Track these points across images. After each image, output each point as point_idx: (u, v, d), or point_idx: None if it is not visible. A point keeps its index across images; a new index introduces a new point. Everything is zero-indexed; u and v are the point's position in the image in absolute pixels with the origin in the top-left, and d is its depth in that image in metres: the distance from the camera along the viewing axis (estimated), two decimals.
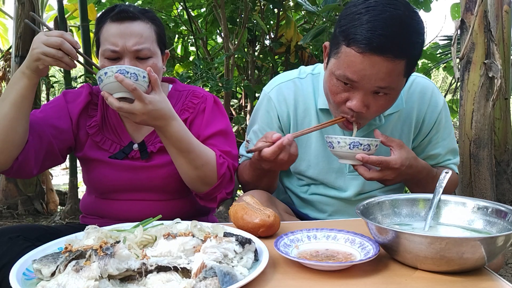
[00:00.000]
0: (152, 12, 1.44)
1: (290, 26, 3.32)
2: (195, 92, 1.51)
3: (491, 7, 3.09)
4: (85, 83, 1.52)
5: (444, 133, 1.49)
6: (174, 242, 0.89)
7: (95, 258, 0.80)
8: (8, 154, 1.25)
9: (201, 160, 1.32)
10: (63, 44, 1.16)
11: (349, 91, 1.24)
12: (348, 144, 1.22)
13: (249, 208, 1.11)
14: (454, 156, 1.52)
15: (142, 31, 1.33)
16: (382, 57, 1.15)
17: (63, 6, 3.58)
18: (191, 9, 3.44)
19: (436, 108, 1.46)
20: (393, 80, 1.20)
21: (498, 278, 0.87)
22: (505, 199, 3.20)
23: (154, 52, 1.36)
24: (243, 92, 3.58)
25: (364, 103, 1.23)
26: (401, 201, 1.11)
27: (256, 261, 0.91)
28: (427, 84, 1.48)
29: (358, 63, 1.17)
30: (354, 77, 1.19)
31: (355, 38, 1.16)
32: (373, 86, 1.20)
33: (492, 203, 1.03)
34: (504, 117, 3.28)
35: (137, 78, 1.19)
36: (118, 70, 1.17)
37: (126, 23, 1.32)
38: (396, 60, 1.16)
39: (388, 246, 0.93)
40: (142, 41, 1.32)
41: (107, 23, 1.34)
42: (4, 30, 5.80)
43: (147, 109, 1.20)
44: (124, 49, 1.30)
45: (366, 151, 1.23)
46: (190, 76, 2.80)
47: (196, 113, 1.46)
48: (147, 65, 1.31)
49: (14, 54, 3.77)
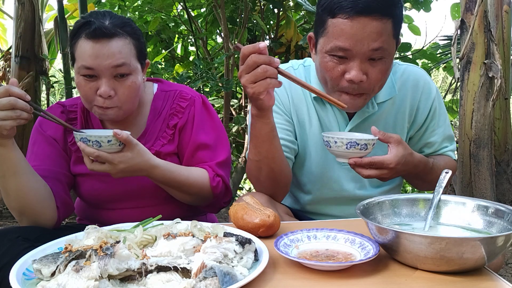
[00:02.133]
0: (131, 23, 1.33)
1: (290, 26, 3.31)
2: (182, 93, 1.45)
3: (491, 7, 3.09)
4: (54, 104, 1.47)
5: (439, 120, 1.49)
6: (174, 242, 0.89)
7: (95, 258, 0.80)
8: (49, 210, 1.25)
9: (194, 188, 1.33)
10: (17, 103, 1.08)
11: (344, 63, 1.24)
12: (345, 144, 1.21)
13: (249, 208, 1.11)
14: (451, 142, 1.53)
15: (120, 48, 1.25)
16: (370, 17, 1.18)
17: (63, 6, 3.58)
18: (191, 9, 3.44)
19: (430, 96, 1.47)
20: (384, 40, 1.22)
21: (498, 278, 0.87)
22: (505, 199, 3.20)
23: (133, 69, 1.29)
24: (243, 92, 3.57)
25: (362, 71, 1.23)
26: (401, 201, 1.11)
27: (256, 261, 0.91)
28: (419, 72, 1.49)
29: (347, 29, 1.19)
30: (346, 45, 1.21)
31: (339, 6, 1.19)
32: (367, 50, 1.21)
33: (492, 203, 1.03)
34: (504, 117, 3.28)
35: (100, 145, 1.17)
36: (80, 139, 1.17)
37: (102, 41, 1.24)
38: (384, 18, 1.20)
39: (388, 246, 0.93)
40: (120, 58, 1.25)
41: (81, 39, 1.25)
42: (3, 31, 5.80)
43: (119, 168, 1.19)
44: (101, 68, 1.24)
45: (363, 151, 1.22)
46: (190, 76, 2.80)
47: (185, 119, 1.42)
48: (126, 84, 1.27)
49: (14, 54, 3.77)
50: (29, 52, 3.79)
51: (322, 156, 1.47)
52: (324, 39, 1.25)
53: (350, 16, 1.18)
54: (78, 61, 1.27)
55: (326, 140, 1.25)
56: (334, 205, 1.52)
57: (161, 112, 1.43)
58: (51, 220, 1.27)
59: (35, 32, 3.78)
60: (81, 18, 1.31)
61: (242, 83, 1.16)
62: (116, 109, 1.30)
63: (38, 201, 1.23)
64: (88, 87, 1.27)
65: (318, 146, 1.47)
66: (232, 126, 3.34)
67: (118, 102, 1.28)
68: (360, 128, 1.44)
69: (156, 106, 1.44)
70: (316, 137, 1.46)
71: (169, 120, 1.42)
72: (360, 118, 1.42)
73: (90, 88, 1.27)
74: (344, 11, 1.18)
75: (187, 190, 1.33)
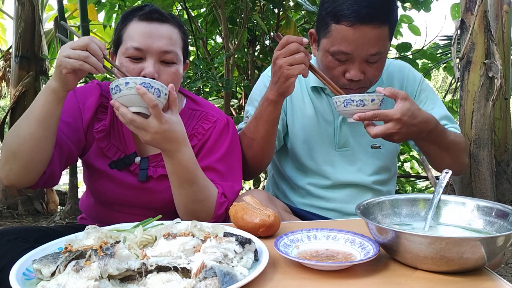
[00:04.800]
0: (180, 19, 1.38)
1: (290, 26, 3.31)
2: (207, 115, 1.41)
3: (491, 7, 3.09)
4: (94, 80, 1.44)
5: (429, 103, 1.56)
6: (174, 242, 0.89)
7: (95, 258, 0.80)
8: (36, 172, 1.21)
9: (202, 194, 1.26)
10: (90, 44, 1.09)
11: (344, 63, 1.37)
12: (342, 102, 1.28)
13: (249, 208, 1.11)
14: (451, 122, 1.55)
15: (171, 34, 1.28)
16: (370, 25, 1.30)
17: (63, 6, 3.58)
18: (191, 9, 3.43)
19: (415, 81, 1.59)
20: (382, 44, 1.35)
21: (498, 278, 0.87)
22: (505, 199, 3.20)
23: (179, 59, 1.30)
24: (243, 92, 3.57)
25: (360, 71, 1.36)
26: (401, 201, 1.11)
27: (256, 261, 0.91)
28: (403, 64, 1.64)
29: (350, 36, 1.31)
30: (349, 50, 1.33)
31: (343, 14, 1.30)
32: (366, 54, 1.34)
33: (492, 203, 1.03)
34: (504, 117, 3.28)
35: (159, 94, 1.11)
36: (142, 83, 1.09)
37: (155, 23, 1.26)
38: (382, 26, 1.32)
39: (388, 246, 0.93)
40: (170, 44, 1.26)
41: (134, 21, 1.27)
42: (3, 31, 5.81)
43: (163, 128, 1.13)
44: (150, 49, 1.24)
45: (360, 107, 1.25)
46: (190, 76, 2.80)
47: (204, 140, 1.38)
48: (171, 71, 1.27)
49: (14, 54, 3.78)
50: (29, 52, 3.80)
51: (317, 140, 1.56)
52: (327, 41, 1.37)
53: (353, 24, 1.30)
54: (126, 42, 1.26)
55: (334, 102, 1.33)
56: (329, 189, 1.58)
57: None
58: (32, 180, 1.22)
59: (35, 32, 3.79)
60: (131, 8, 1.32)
61: (279, 65, 1.29)
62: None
63: (36, 158, 1.18)
64: (131, 67, 1.25)
65: (312, 131, 1.56)
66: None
67: None
68: None
69: None
70: (311, 122, 1.56)
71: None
72: None
73: (134, 69, 1.25)
74: (348, 20, 1.30)
75: (195, 191, 1.25)
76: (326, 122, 1.57)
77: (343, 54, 1.34)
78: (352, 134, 1.56)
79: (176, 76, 1.30)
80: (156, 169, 1.36)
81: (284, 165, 1.66)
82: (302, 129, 1.58)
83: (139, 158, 1.36)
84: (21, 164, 1.19)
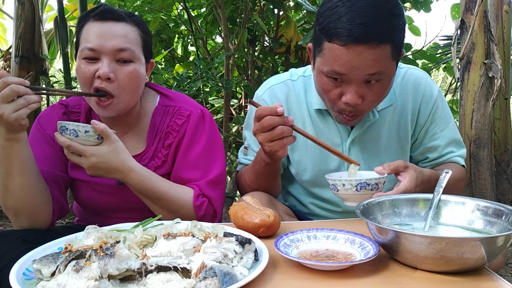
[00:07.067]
0: (140, 17, 1.35)
1: (290, 26, 3.31)
2: (181, 109, 1.38)
3: (491, 7, 3.09)
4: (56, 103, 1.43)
5: (441, 123, 1.46)
6: (174, 242, 0.89)
7: (95, 258, 0.80)
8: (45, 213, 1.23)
9: (174, 205, 1.26)
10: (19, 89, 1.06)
11: (341, 86, 1.23)
12: (354, 186, 1.13)
13: (249, 208, 1.11)
14: (458, 148, 1.48)
15: (126, 32, 1.25)
16: (366, 45, 1.15)
17: (63, 6, 3.58)
18: (191, 9, 3.43)
19: (431, 98, 1.44)
20: (382, 65, 1.19)
21: (498, 278, 0.87)
22: (505, 199, 3.20)
23: (137, 57, 1.26)
24: (243, 92, 3.57)
25: (358, 94, 1.22)
26: (401, 201, 1.11)
27: (256, 261, 0.91)
28: (420, 75, 1.46)
29: (343, 56, 1.17)
30: (342, 70, 1.19)
31: (335, 32, 1.16)
32: (363, 75, 1.19)
33: (492, 203, 1.03)
34: (504, 117, 3.28)
35: (77, 134, 1.14)
36: (60, 127, 1.15)
37: (109, 22, 1.23)
38: (381, 45, 1.16)
39: (388, 246, 0.93)
40: (124, 42, 1.23)
41: (89, 22, 1.25)
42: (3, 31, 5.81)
43: (91, 162, 1.15)
44: (103, 49, 1.21)
45: (374, 191, 1.16)
46: (190, 76, 2.80)
47: (180, 137, 1.35)
48: (127, 70, 1.24)
49: (14, 54, 3.77)
50: (29, 52, 3.79)
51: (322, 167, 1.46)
52: (321, 60, 1.24)
53: (345, 44, 1.16)
54: (82, 44, 1.25)
55: (332, 184, 1.18)
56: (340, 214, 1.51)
57: (158, 129, 1.37)
58: (46, 222, 1.24)
59: (35, 32, 3.78)
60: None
61: (259, 141, 1.21)
62: (115, 100, 1.25)
63: (38, 203, 1.20)
64: (87, 68, 1.23)
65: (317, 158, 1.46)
66: (232, 126, 3.34)
67: (117, 89, 1.24)
68: (363, 138, 1.43)
69: (155, 123, 1.38)
70: (315, 149, 1.44)
71: (165, 139, 1.36)
72: (361, 128, 1.41)
73: (89, 70, 1.23)
74: (340, 38, 1.16)
75: (165, 205, 1.26)
76: (334, 146, 1.39)
77: (337, 74, 1.21)
78: (362, 156, 1.44)
79: (134, 75, 1.26)
80: None
81: (290, 188, 1.59)
82: (305, 157, 1.46)
83: None
84: (28, 216, 1.21)
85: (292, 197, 1.59)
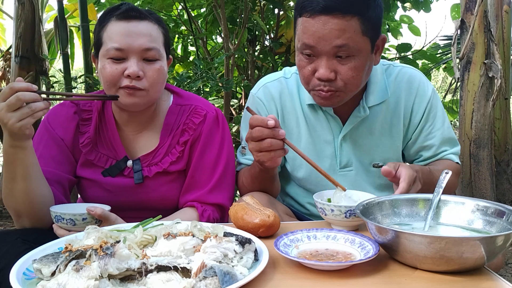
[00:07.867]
0: (158, 15, 1.37)
1: (290, 26, 3.31)
2: (197, 108, 1.41)
3: (491, 7, 3.09)
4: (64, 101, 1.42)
5: (436, 122, 1.46)
6: (174, 242, 0.89)
7: (95, 257, 0.80)
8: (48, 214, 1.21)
9: None
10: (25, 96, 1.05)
11: (313, 61, 1.26)
12: (343, 212, 1.11)
13: (249, 208, 1.11)
14: (452, 145, 1.50)
15: (150, 31, 1.26)
16: (331, 15, 1.20)
17: (63, 6, 3.58)
18: (191, 9, 3.43)
19: (424, 98, 1.45)
20: (349, 37, 1.21)
21: (498, 278, 0.87)
22: (505, 199, 3.21)
23: (162, 55, 1.29)
24: (243, 92, 3.57)
25: (329, 68, 1.24)
26: (401, 201, 1.11)
27: (256, 261, 0.92)
28: (414, 74, 1.47)
29: (310, 26, 1.22)
30: (310, 42, 1.23)
31: (303, 5, 1.23)
32: (331, 47, 1.22)
33: (492, 203, 1.03)
34: (504, 117, 3.28)
35: (74, 223, 1.14)
36: (55, 216, 1.15)
37: (133, 21, 1.24)
38: (347, 16, 1.20)
39: (388, 246, 0.93)
40: (151, 41, 1.25)
41: (111, 21, 1.25)
42: (3, 31, 5.81)
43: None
44: (131, 48, 1.23)
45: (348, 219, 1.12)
46: (190, 76, 2.80)
47: (196, 135, 1.39)
48: (155, 68, 1.26)
49: (14, 54, 3.77)
50: (29, 52, 3.79)
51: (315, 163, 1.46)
52: (296, 38, 1.29)
53: (311, 14, 1.21)
54: (106, 44, 1.25)
55: (320, 207, 1.15)
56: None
57: (173, 128, 1.39)
58: (48, 223, 1.24)
59: (35, 32, 3.78)
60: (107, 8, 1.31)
61: (249, 149, 1.22)
62: (144, 93, 1.26)
63: (41, 206, 1.21)
64: (114, 67, 1.24)
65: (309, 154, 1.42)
66: (232, 126, 3.34)
67: (146, 84, 1.26)
68: (354, 134, 1.44)
69: (169, 122, 1.39)
70: (308, 145, 1.46)
71: (180, 136, 1.38)
72: (352, 123, 1.42)
73: (117, 69, 1.24)
74: (307, 10, 1.22)
75: None
76: (325, 142, 1.46)
77: (308, 48, 1.24)
78: (354, 152, 1.45)
79: (161, 73, 1.28)
80: (150, 168, 1.37)
81: (286, 186, 1.60)
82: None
83: (131, 161, 1.37)
84: (30, 217, 1.22)
85: (289, 197, 1.60)
